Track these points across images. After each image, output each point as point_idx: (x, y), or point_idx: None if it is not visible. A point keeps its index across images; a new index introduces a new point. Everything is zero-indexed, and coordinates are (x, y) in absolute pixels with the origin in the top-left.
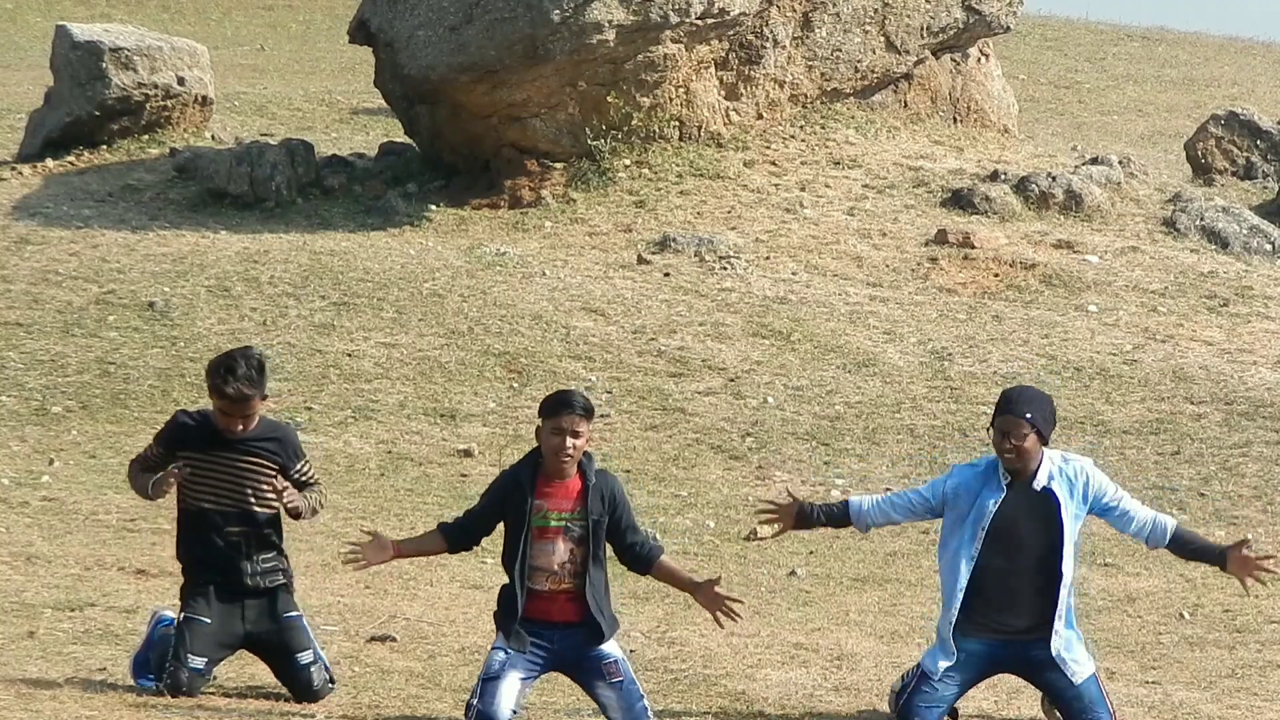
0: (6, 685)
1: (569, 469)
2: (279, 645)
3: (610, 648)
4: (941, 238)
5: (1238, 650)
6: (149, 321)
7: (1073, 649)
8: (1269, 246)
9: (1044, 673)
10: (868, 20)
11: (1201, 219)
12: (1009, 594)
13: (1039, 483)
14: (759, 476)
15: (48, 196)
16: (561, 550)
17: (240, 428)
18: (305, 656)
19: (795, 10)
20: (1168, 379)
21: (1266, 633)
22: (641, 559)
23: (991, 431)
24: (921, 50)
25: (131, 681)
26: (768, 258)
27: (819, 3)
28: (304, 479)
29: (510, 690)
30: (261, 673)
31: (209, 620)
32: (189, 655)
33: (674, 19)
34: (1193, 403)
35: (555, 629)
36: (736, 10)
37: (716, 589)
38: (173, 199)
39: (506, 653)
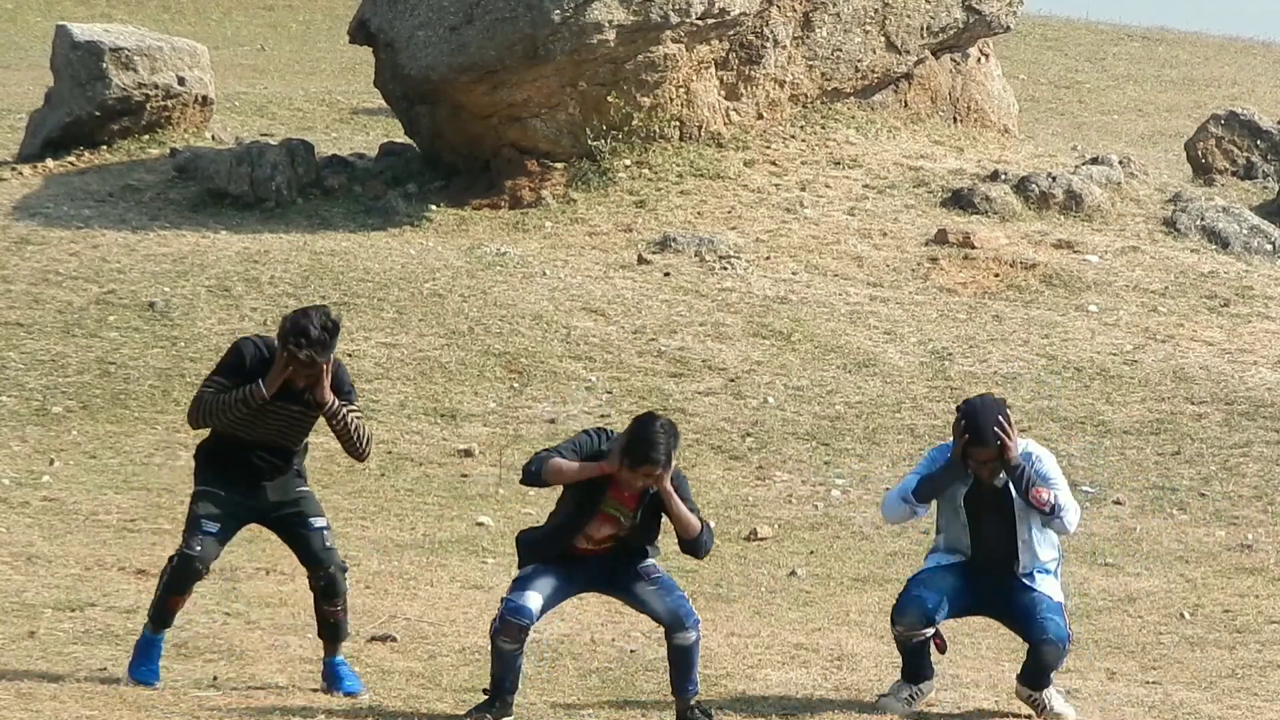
0: (6, 685)
1: None
2: (293, 513)
3: (647, 560)
4: (942, 238)
5: (1238, 650)
6: (149, 321)
7: (1044, 583)
8: (1269, 246)
9: (1013, 598)
10: (868, 20)
11: (1202, 219)
12: (985, 555)
13: (999, 480)
14: (759, 476)
15: (48, 196)
16: (607, 529)
17: (302, 385)
18: (319, 520)
19: (795, 10)
20: (1168, 379)
21: (1266, 633)
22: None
23: (965, 450)
24: (921, 50)
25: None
26: (768, 258)
27: (819, 3)
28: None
29: (542, 587)
30: (262, 672)
31: (223, 493)
32: (203, 520)
33: (674, 19)
34: (1193, 403)
35: (591, 558)
36: (737, 10)
37: None
38: (173, 199)
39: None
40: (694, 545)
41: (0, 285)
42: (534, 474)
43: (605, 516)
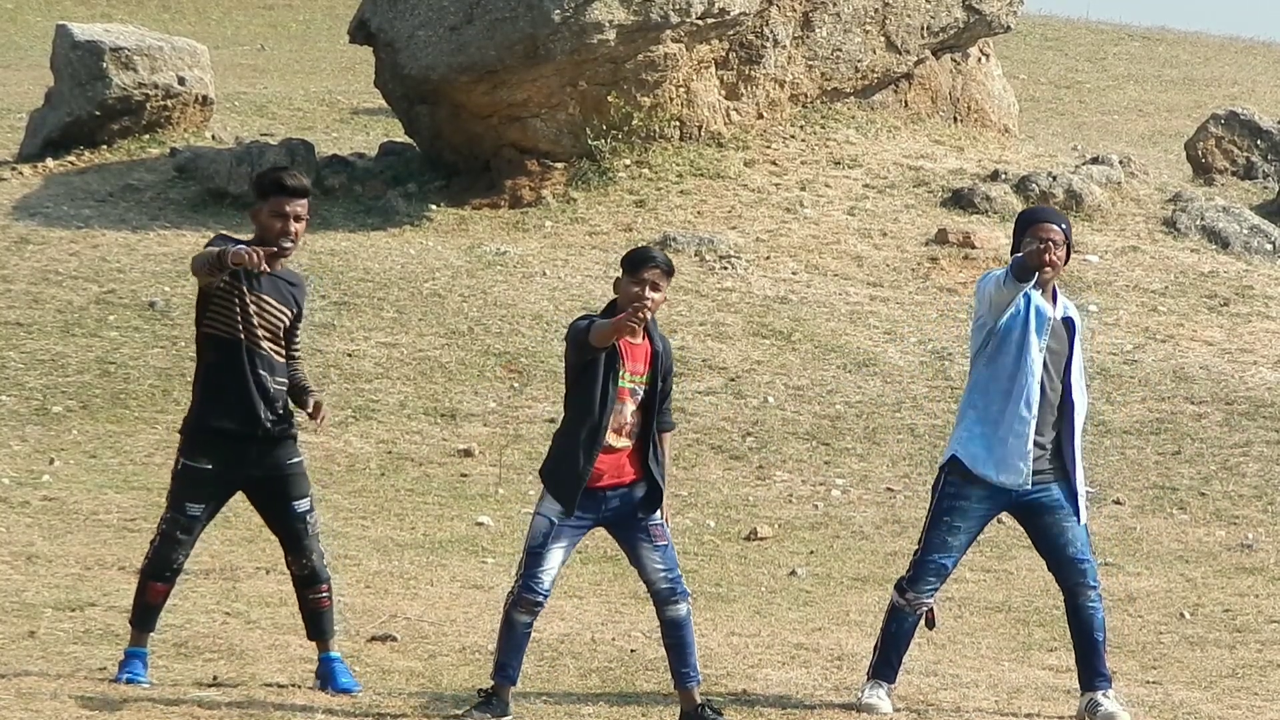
0: (6, 685)
1: (640, 329)
2: (278, 491)
3: (657, 512)
4: (942, 237)
5: (1238, 650)
6: (149, 321)
7: (1079, 490)
8: (1269, 246)
9: (1044, 515)
10: (868, 20)
11: (1202, 219)
12: (1040, 418)
13: (1059, 312)
14: (759, 476)
15: (48, 196)
16: (628, 410)
17: (294, 231)
18: (302, 504)
19: (795, 10)
20: (1168, 379)
21: (1266, 633)
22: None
23: (1026, 244)
24: (922, 50)
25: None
26: (768, 257)
27: (819, 2)
28: (296, 346)
29: (554, 562)
30: (262, 672)
31: (209, 466)
32: (188, 504)
33: (674, 19)
34: (1193, 402)
35: (610, 494)
36: (737, 10)
37: None
38: (173, 199)
39: (552, 522)
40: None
41: (0, 285)
42: (583, 335)
43: (623, 394)
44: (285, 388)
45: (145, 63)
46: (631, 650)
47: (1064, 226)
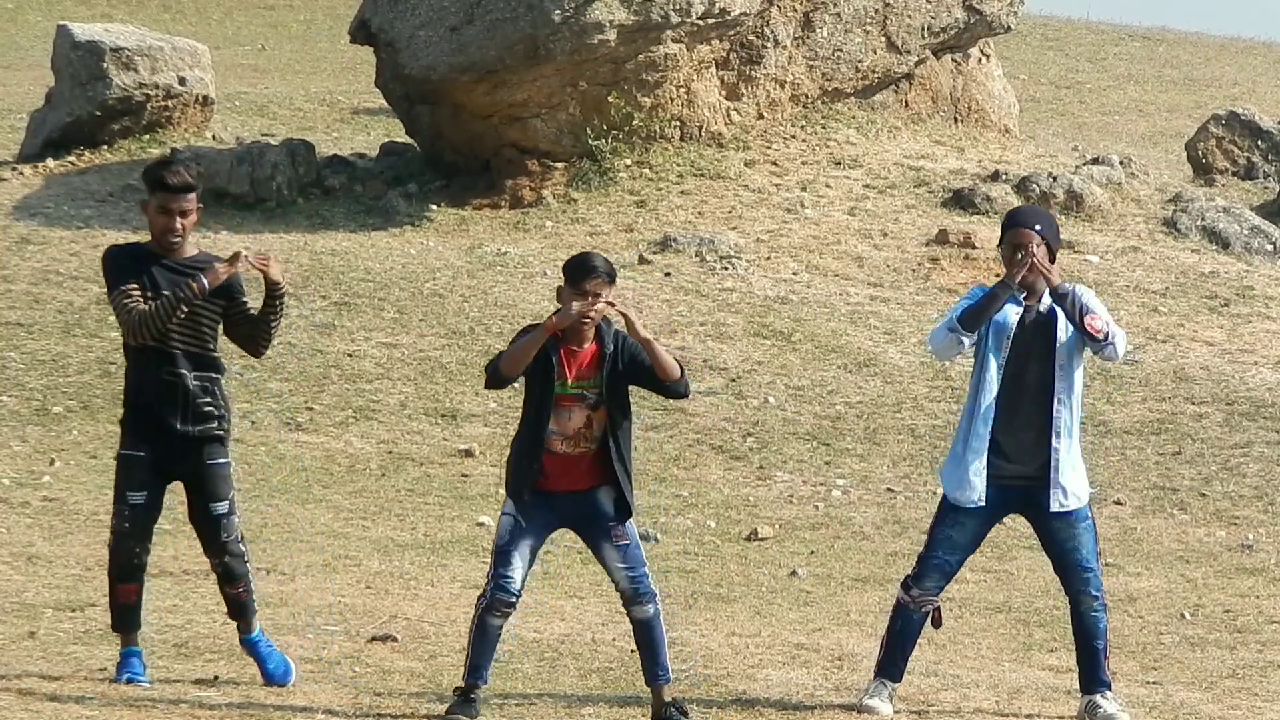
0: (6, 685)
1: (589, 333)
2: (198, 491)
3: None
4: (942, 238)
5: (1238, 650)
6: None
7: (1074, 488)
8: (1270, 247)
9: (1052, 520)
10: (868, 20)
11: (1202, 219)
12: (1018, 424)
13: (1044, 304)
14: (760, 477)
15: (48, 196)
16: (578, 417)
17: (180, 226)
18: (220, 507)
19: (796, 10)
20: (1169, 379)
21: (1267, 633)
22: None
23: (1002, 250)
24: (922, 50)
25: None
26: (769, 258)
27: (820, 3)
28: (249, 311)
29: (522, 559)
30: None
31: (144, 454)
32: (129, 493)
33: (675, 19)
34: (1194, 403)
35: (565, 498)
36: (737, 10)
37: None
38: None
39: (517, 520)
40: (676, 386)
41: (1, 285)
42: (493, 372)
43: (568, 400)
44: (214, 379)
45: (146, 63)
46: (631, 650)
47: (1039, 229)
